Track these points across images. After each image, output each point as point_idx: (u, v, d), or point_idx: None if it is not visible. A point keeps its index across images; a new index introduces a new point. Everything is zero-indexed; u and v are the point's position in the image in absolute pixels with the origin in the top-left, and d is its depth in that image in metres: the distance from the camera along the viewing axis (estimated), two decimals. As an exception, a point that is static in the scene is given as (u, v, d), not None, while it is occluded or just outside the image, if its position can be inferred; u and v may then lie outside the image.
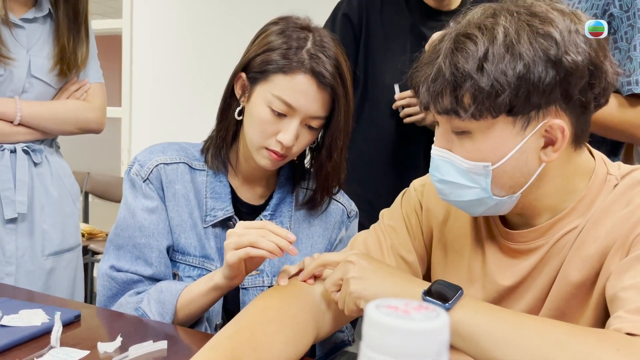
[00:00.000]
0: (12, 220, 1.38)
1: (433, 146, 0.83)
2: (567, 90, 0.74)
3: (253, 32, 1.10)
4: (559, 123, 0.75)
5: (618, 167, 0.85)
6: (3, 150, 1.39)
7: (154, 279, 1.08)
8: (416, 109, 1.64)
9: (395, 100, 1.66)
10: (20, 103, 1.38)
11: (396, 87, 1.66)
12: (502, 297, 0.87)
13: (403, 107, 1.65)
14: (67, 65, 1.44)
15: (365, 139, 1.69)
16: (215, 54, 3.08)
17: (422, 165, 1.73)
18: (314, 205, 1.16)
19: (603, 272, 0.79)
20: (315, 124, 1.04)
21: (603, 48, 0.76)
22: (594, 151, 0.87)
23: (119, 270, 1.07)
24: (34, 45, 1.42)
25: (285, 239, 0.90)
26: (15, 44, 1.38)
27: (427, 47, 1.31)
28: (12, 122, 1.37)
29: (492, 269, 0.88)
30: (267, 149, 1.03)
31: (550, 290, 0.83)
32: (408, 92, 1.64)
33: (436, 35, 1.29)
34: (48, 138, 1.49)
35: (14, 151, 1.40)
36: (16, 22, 1.40)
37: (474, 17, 0.78)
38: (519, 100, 0.73)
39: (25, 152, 1.41)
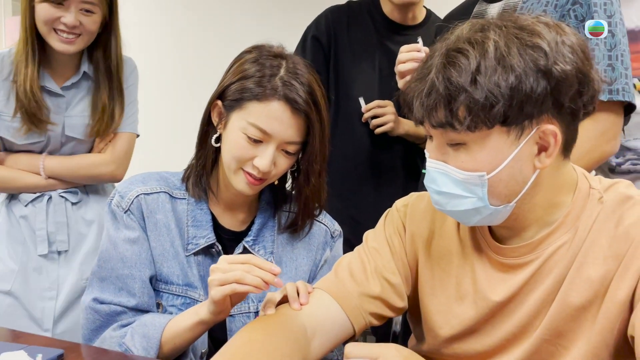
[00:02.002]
0: (55, 253, 1.52)
1: (428, 159, 0.85)
2: (558, 99, 0.76)
3: (233, 53, 1.12)
4: (552, 128, 0.77)
5: (599, 181, 0.87)
6: (43, 195, 1.52)
7: (138, 310, 1.07)
8: (384, 119, 1.67)
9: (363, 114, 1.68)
10: (44, 160, 1.50)
11: (361, 100, 1.69)
12: (494, 313, 0.88)
13: (372, 118, 1.67)
14: (105, 126, 1.52)
15: (342, 155, 1.70)
16: (193, 74, 3.07)
17: (400, 175, 1.76)
18: (295, 228, 1.17)
19: (609, 297, 0.80)
20: (291, 149, 1.06)
21: (588, 57, 0.79)
22: (575, 166, 0.89)
23: (102, 303, 1.07)
24: (70, 106, 1.51)
25: (269, 272, 0.90)
26: (56, 112, 1.48)
27: (397, 62, 1.33)
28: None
29: (482, 285, 0.89)
30: (243, 170, 1.05)
31: (549, 310, 0.83)
32: (373, 103, 1.68)
33: (404, 48, 1.32)
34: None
35: (51, 198, 1.53)
36: (57, 91, 1.49)
37: (463, 33, 0.79)
38: (513, 111, 0.74)
39: (62, 196, 1.53)
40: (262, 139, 1.02)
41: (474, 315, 0.89)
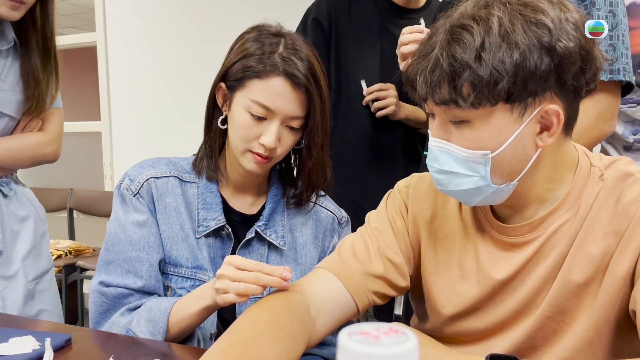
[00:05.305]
0: None
1: (430, 137, 0.84)
2: (561, 76, 0.76)
3: (229, 39, 1.13)
4: (555, 108, 0.77)
5: (600, 159, 0.88)
6: None
7: (145, 292, 1.08)
8: (386, 101, 1.67)
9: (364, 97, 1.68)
10: None
11: (363, 83, 1.69)
12: (497, 291, 0.89)
13: (373, 101, 1.67)
14: (41, 100, 1.38)
15: (343, 139, 1.71)
16: (192, 62, 3.07)
17: (401, 159, 1.76)
18: (300, 202, 1.18)
19: (609, 273, 0.80)
20: (295, 124, 1.07)
21: None
22: (576, 144, 0.89)
23: (108, 286, 1.08)
24: None
25: (280, 277, 0.89)
26: None
27: (399, 44, 1.31)
28: None
29: (485, 264, 0.90)
30: (251, 151, 1.07)
31: (551, 287, 0.84)
32: (375, 87, 1.67)
33: (407, 30, 1.31)
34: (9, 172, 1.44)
35: None
36: None
37: (467, 9, 0.79)
38: (517, 88, 0.75)
39: None
40: (266, 116, 1.04)
41: (477, 294, 0.90)
